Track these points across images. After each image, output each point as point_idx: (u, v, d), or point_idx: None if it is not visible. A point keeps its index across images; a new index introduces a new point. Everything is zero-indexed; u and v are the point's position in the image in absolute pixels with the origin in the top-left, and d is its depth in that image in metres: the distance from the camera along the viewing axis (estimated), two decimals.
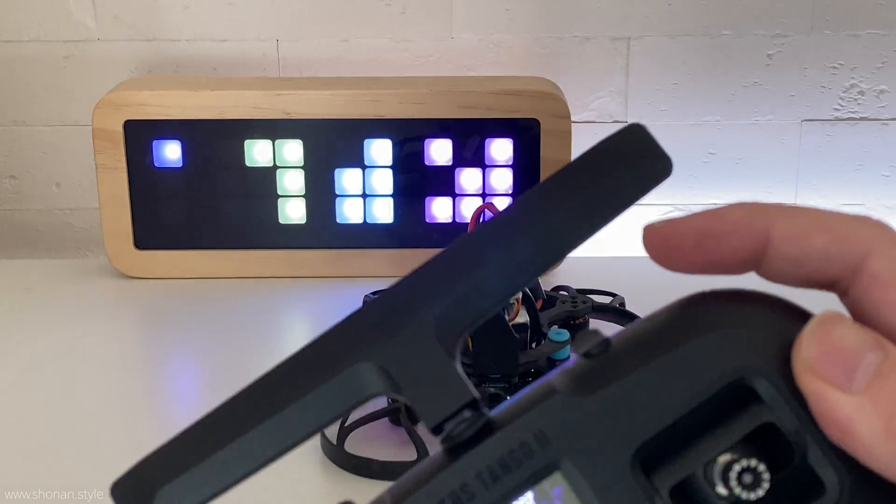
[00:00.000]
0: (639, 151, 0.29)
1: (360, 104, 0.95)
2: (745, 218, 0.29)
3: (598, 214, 0.29)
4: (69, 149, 1.08)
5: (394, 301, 0.30)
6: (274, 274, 0.98)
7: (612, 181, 0.29)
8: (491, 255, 0.29)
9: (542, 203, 0.29)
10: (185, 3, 1.04)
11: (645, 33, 1.04)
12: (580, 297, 0.85)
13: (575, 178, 0.29)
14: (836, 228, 0.28)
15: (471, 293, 0.29)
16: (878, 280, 0.27)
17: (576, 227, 0.29)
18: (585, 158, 0.29)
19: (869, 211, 1.08)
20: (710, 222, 0.29)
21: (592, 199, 0.29)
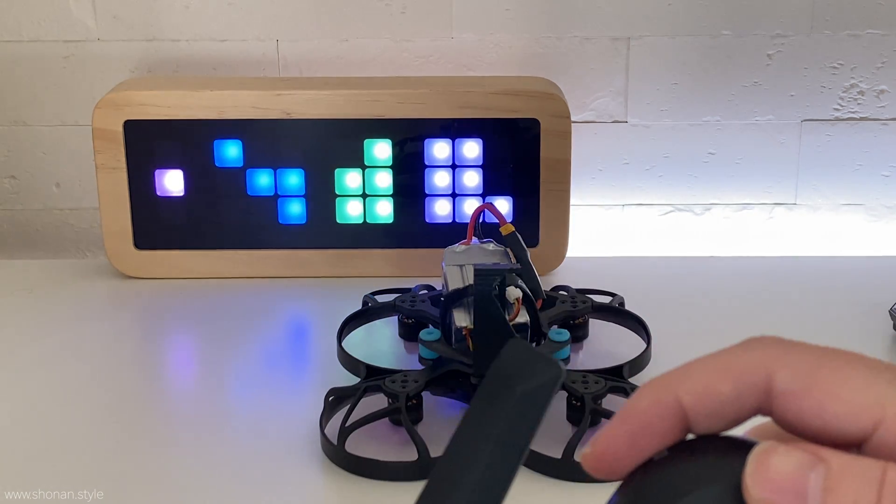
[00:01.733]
0: (528, 367, 0.30)
1: (360, 104, 0.95)
2: (654, 403, 0.30)
3: (518, 444, 0.30)
4: (69, 149, 1.08)
5: None
6: (274, 274, 0.98)
7: (514, 409, 0.30)
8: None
9: (464, 458, 0.30)
10: (185, 3, 1.04)
11: (645, 33, 1.04)
12: (580, 297, 0.85)
13: (481, 418, 0.30)
14: (731, 368, 0.29)
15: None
16: (787, 395, 0.28)
17: (505, 466, 0.30)
18: (484, 392, 0.30)
19: (869, 211, 1.08)
20: (629, 425, 0.30)
21: (505, 434, 0.30)
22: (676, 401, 0.30)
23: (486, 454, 0.30)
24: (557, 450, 0.68)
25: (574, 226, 1.00)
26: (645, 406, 0.30)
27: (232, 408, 0.80)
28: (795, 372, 0.29)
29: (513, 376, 0.30)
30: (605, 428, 0.31)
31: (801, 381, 0.29)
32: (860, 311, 0.91)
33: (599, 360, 0.80)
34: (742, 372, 0.29)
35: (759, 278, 0.99)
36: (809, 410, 0.29)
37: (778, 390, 0.29)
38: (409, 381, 0.72)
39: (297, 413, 0.75)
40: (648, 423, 0.30)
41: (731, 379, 0.29)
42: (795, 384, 0.29)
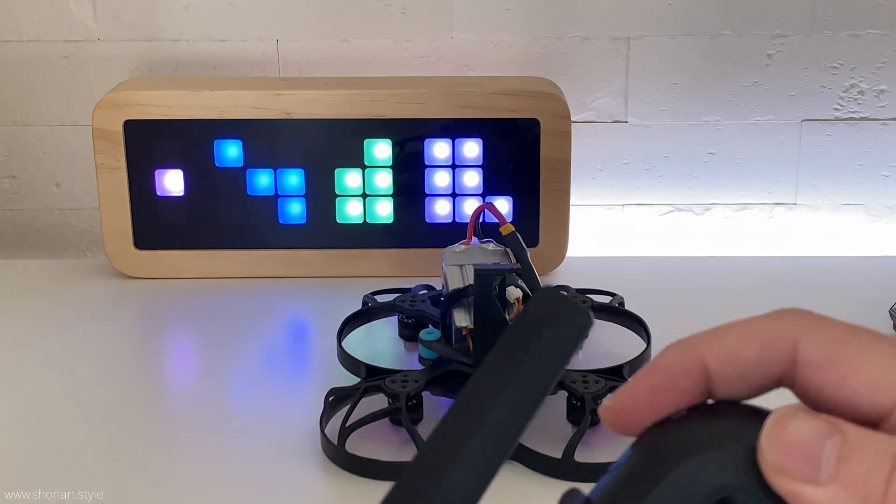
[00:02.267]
0: (556, 314, 0.30)
1: (360, 104, 0.95)
2: (678, 361, 0.30)
3: (538, 387, 0.29)
4: (69, 149, 1.08)
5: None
6: (274, 274, 0.98)
7: (539, 352, 0.30)
8: (453, 466, 0.29)
9: (483, 396, 0.30)
10: (186, 3, 1.04)
11: (645, 33, 1.04)
12: (580, 297, 0.85)
13: (506, 358, 0.30)
14: (759, 334, 0.30)
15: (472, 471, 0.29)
16: (811, 366, 0.29)
17: (523, 407, 0.29)
18: (510, 334, 0.30)
19: (869, 211, 1.08)
20: (651, 380, 0.30)
21: (528, 375, 0.29)
22: (701, 361, 0.30)
23: (505, 395, 0.29)
24: (558, 450, 0.68)
25: (574, 226, 1.00)
26: (669, 363, 0.30)
27: (232, 408, 0.80)
28: (822, 343, 0.29)
29: (540, 321, 0.30)
30: (628, 383, 0.31)
31: (826, 352, 0.29)
32: (860, 311, 0.90)
33: (599, 360, 0.80)
34: (769, 338, 0.30)
35: (759, 278, 0.99)
36: (831, 383, 0.29)
37: (803, 360, 0.29)
38: (409, 380, 0.72)
39: (298, 413, 0.75)
40: (671, 380, 0.30)
41: (758, 344, 0.30)
42: (820, 355, 0.29)
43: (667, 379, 0.30)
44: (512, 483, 0.68)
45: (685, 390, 0.30)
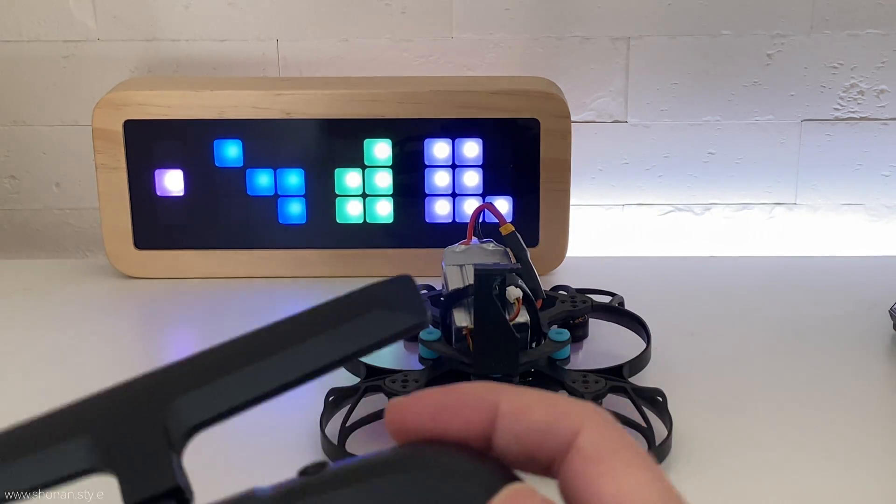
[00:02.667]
0: (398, 300, 0.31)
1: (360, 104, 0.95)
2: (477, 392, 0.30)
3: (328, 357, 0.30)
4: (69, 149, 1.08)
5: (145, 384, 0.30)
6: (274, 274, 0.98)
7: (365, 322, 0.30)
8: (239, 367, 0.30)
9: (294, 330, 0.30)
10: (185, 3, 1.04)
11: (645, 33, 1.04)
12: (579, 297, 0.85)
13: (334, 312, 0.30)
14: (554, 404, 0.30)
15: (212, 396, 0.30)
16: (582, 454, 0.29)
17: (320, 358, 0.30)
18: (349, 297, 0.31)
19: (869, 211, 1.08)
20: (445, 397, 0.30)
21: (341, 335, 0.30)
22: (495, 403, 0.30)
23: (291, 349, 0.30)
24: None
25: (574, 226, 1.00)
26: (467, 390, 0.30)
27: None
28: (600, 439, 0.29)
29: (377, 301, 0.31)
30: (425, 391, 0.31)
31: (599, 449, 0.29)
32: (860, 311, 0.91)
33: (599, 360, 0.80)
34: (562, 413, 0.30)
35: (759, 278, 0.99)
36: (589, 479, 0.29)
37: (578, 446, 0.29)
38: (409, 381, 0.72)
39: (298, 413, 0.75)
40: (461, 406, 0.30)
41: (551, 413, 0.30)
42: (594, 450, 0.29)
43: (458, 402, 0.30)
44: None
45: (469, 420, 0.30)
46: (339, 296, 0.31)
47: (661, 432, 0.70)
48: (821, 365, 0.83)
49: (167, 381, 0.30)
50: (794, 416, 0.76)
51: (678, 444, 0.71)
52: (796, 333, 0.88)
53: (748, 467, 0.70)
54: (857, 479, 0.69)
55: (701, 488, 0.68)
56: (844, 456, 0.71)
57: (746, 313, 0.92)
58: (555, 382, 0.73)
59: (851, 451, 0.72)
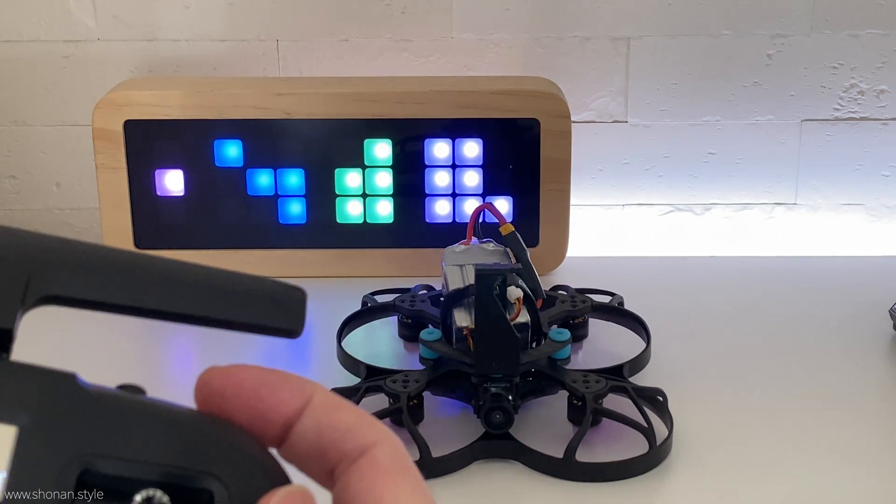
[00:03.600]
0: (285, 305, 0.32)
1: (360, 104, 0.95)
2: (296, 379, 0.31)
3: (215, 311, 0.31)
4: (69, 149, 1.08)
5: (34, 238, 0.31)
6: (274, 274, 0.98)
7: (248, 300, 0.31)
8: (126, 275, 0.31)
9: (192, 273, 0.31)
10: (185, 3, 1.04)
11: (645, 33, 1.04)
12: (579, 297, 0.85)
13: (233, 281, 0.31)
14: (363, 414, 0.31)
15: (85, 280, 0.31)
16: (375, 463, 0.30)
17: (193, 304, 0.31)
18: (252, 278, 0.32)
19: (869, 211, 1.08)
20: (268, 374, 0.31)
21: (221, 299, 0.31)
22: (311, 393, 0.31)
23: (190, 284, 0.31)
24: (559, 449, 0.68)
25: (574, 226, 1.00)
26: (289, 375, 0.31)
27: None
28: (391, 453, 0.30)
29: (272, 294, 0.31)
30: (246, 365, 0.32)
31: (387, 461, 0.30)
32: (860, 311, 0.91)
33: (599, 360, 0.80)
34: (366, 422, 0.31)
35: (759, 278, 0.99)
36: (374, 489, 0.30)
37: (371, 455, 0.30)
38: (410, 381, 0.72)
39: None
40: (282, 386, 0.31)
41: (356, 418, 0.31)
42: (388, 462, 0.30)
43: (279, 381, 0.31)
44: (513, 482, 0.68)
45: (284, 401, 0.31)
46: (247, 274, 0.32)
47: (662, 432, 0.70)
48: (821, 365, 0.83)
49: (55, 245, 0.31)
50: (794, 416, 0.76)
51: (678, 444, 0.71)
52: (796, 333, 0.88)
53: (748, 467, 0.70)
54: (857, 478, 0.69)
55: (701, 488, 0.69)
56: (844, 455, 0.71)
57: (746, 313, 0.92)
58: (555, 382, 0.73)
59: (851, 450, 0.72)
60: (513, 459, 0.70)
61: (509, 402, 0.69)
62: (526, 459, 0.69)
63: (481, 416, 0.69)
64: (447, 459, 0.69)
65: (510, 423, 0.69)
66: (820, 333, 0.88)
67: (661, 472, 0.69)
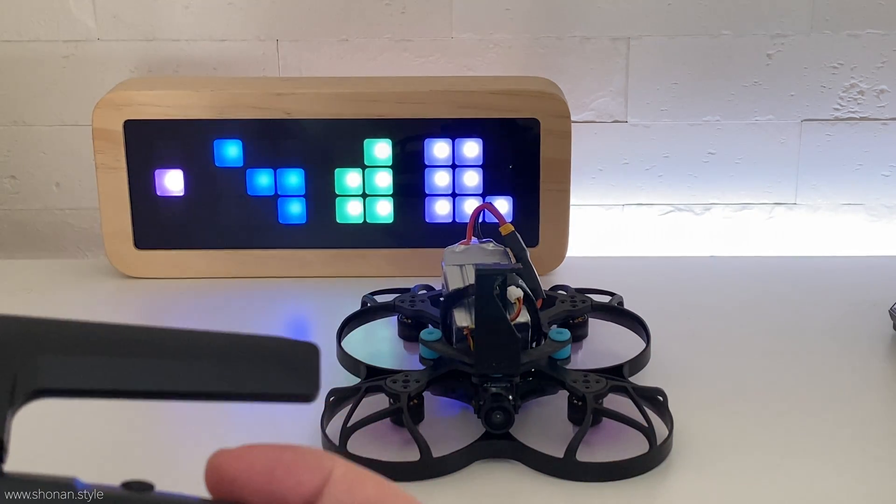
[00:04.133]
0: (296, 367, 0.30)
1: (360, 104, 0.95)
2: (312, 454, 0.29)
3: (221, 385, 0.29)
4: (69, 149, 1.08)
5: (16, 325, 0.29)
6: (274, 274, 0.98)
7: (257, 370, 0.29)
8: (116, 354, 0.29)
9: (189, 344, 0.29)
10: (185, 3, 1.04)
11: (645, 33, 1.04)
12: (579, 297, 0.85)
13: (236, 347, 0.30)
14: (386, 484, 0.29)
15: (76, 370, 0.29)
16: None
17: (195, 382, 0.29)
18: (257, 339, 0.30)
19: (869, 211, 1.08)
20: (281, 453, 0.29)
21: (228, 371, 0.29)
22: (330, 468, 0.29)
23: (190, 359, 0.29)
24: (559, 449, 0.68)
25: (574, 226, 1.00)
26: (305, 451, 0.30)
27: (232, 409, 0.80)
28: None
29: (280, 357, 0.30)
30: (257, 445, 0.30)
31: None
32: (860, 311, 0.91)
33: (599, 360, 0.80)
34: (396, 494, 0.29)
35: (759, 278, 0.99)
36: None
37: None
38: (410, 381, 0.72)
39: (298, 413, 0.75)
40: (298, 465, 0.29)
41: (383, 490, 0.29)
42: None
43: (294, 460, 0.29)
44: (513, 482, 0.68)
45: (302, 481, 0.29)
46: (250, 335, 0.30)
47: (662, 431, 0.70)
48: (821, 365, 0.83)
49: (37, 333, 0.29)
50: (794, 416, 0.76)
51: (678, 443, 0.71)
52: (796, 333, 0.88)
53: (748, 467, 0.70)
54: (857, 478, 0.69)
55: (702, 487, 0.69)
56: (844, 455, 0.71)
57: (746, 313, 0.92)
58: (556, 382, 0.73)
59: (851, 450, 0.72)
60: (513, 459, 0.70)
61: (510, 401, 0.69)
62: (526, 459, 0.69)
63: (481, 416, 0.69)
64: (448, 459, 0.69)
65: (510, 422, 0.69)
66: (820, 333, 0.88)
67: (662, 472, 0.69)
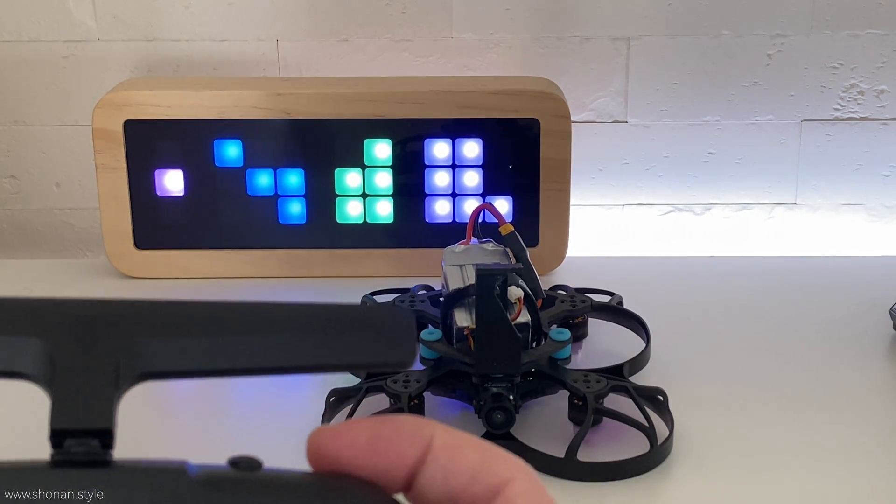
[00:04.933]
0: (396, 333, 0.30)
1: (360, 104, 0.95)
2: (412, 424, 0.29)
3: (324, 358, 0.29)
4: (69, 149, 1.08)
5: (114, 310, 0.29)
6: (274, 274, 0.98)
7: (356, 340, 0.29)
8: (216, 333, 0.29)
9: (286, 319, 0.29)
10: (185, 3, 1.04)
11: (645, 33, 1.04)
12: (579, 297, 0.85)
13: (331, 317, 0.30)
14: (488, 448, 0.29)
15: (176, 351, 0.28)
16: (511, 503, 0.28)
17: (297, 356, 0.29)
18: (352, 309, 0.30)
19: (869, 211, 1.08)
20: (381, 426, 0.29)
21: (329, 343, 0.29)
22: (430, 437, 0.29)
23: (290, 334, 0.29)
24: (560, 449, 0.68)
25: (574, 226, 1.00)
26: (403, 421, 0.30)
27: (232, 409, 0.80)
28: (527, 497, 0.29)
29: (377, 325, 0.30)
30: (356, 420, 0.30)
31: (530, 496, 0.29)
32: (860, 311, 0.91)
33: (598, 360, 0.80)
34: (493, 459, 0.29)
35: (759, 278, 0.99)
36: None
37: (505, 496, 0.29)
38: (410, 381, 0.72)
39: (299, 414, 0.75)
40: (398, 436, 0.29)
41: (482, 456, 0.29)
42: (523, 500, 0.29)
43: (394, 432, 0.29)
44: None
45: (403, 452, 0.29)
46: (343, 304, 0.30)
47: (663, 431, 0.70)
48: (821, 365, 0.83)
49: (137, 316, 0.29)
50: (794, 416, 0.76)
51: (678, 443, 0.71)
52: (796, 333, 0.88)
53: (749, 466, 0.70)
54: (857, 478, 0.69)
55: (703, 486, 0.69)
56: (844, 455, 0.71)
57: (746, 313, 0.92)
58: (556, 382, 0.73)
59: (851, 450, 0.72)
60: None
61: (510, 401, 0.69)
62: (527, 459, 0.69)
63: (482, 416, 0.69)
64: None
65: (511, 422, 0.69)
66: (820, 333, 0.88)
67: (663, 472, 0.69)
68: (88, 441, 0.27)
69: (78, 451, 0.27)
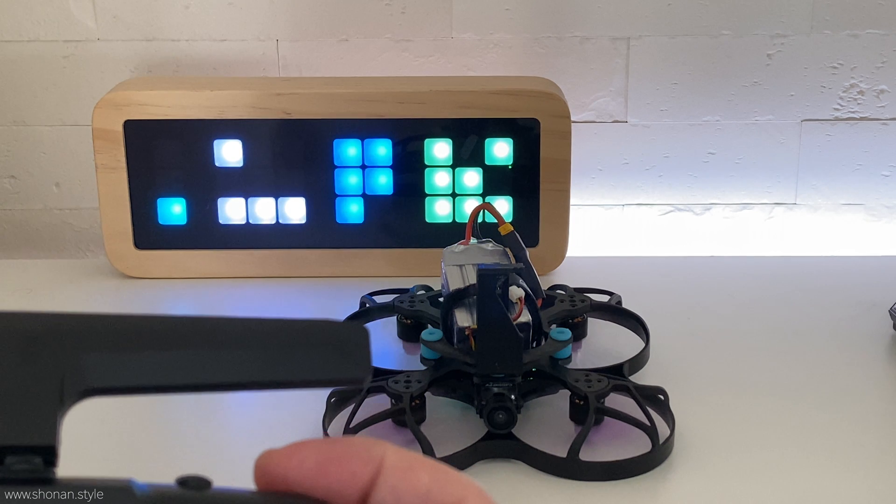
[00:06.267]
0: (350, 348, 0.29)
1: (360, 104, 0.95)
2: (363, 445, 0.29)
3: (273, 374, 0.29)
4: (69, 149, 1.08)
5: (58, 324, 0.28)
6: (274, 274, 0.98)
7: (308, 356, 0.29)
8: (163, 347, 0.28)
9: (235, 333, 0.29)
10: (185, 3, 1.04)
11: (645, 33, 1.04)
12: (578, 296, 0.85)
13: (283, 333, 0.29)
14: (440, 468, 0.29)
15: (123, 366, 0.28)
16: None
17: (245, 372, 0.29)
18: (304, 323, 0.30)
19: (869, 211, 1.08)
20: (331, 447, 0.29)
21: (279, 359, 0.29)
22: (381, 457, 0.29)
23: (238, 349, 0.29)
24: (562, 449, 0.68)
25: (574, 226, 1.00)
26: (354, 442, 0.29)
27: (233, 410, 0.80)
28: None
29: (331, 340, 0.29)
30: (305, 441, 0.29)
31: None
32: (860, 311, 0.91)
33: (598, 359, 0.80)
34: (447, 480, 0.29)
35: (759, 278, 0.99)
36: None
37: None
38: (412, 381, 0.72)
39: (299, 414, 0.75)
40: (348, 457, 0.29)
41: (435, 476, 0.29)
42: None
43: (344, 453, 0.29)
44: (516, 482, 0.68)
45: (355, 473, 0.28)
46: (296, 319, 0.30)
47: (664, 430, 0.70)
48: (821, 365, 0.83)
49: (83, 331, 0.28)
50: (794, 415, 0.76)
51: (680, 442, 0.71)
52: (796, 333, 0.88)
53: (749, 465, 0.70)
54: (857, 478, 0.69)
55: (704, 485, 0.69)
56: (844, 454, 0.71)
57: (746, 313, 0.92)
58: (557, 381, 0.73)
59: (851, 449, 0.72)
60: (516, 459, 0.70)
61: (512, 401, 0.69)
62: (529, 459, 0.69)
63: (484, 417, 0.69)
64: (450, 460, 0.68)
65: (513, 422, 0.69)
66: (820, 333, 0.88)
67: (664, 471, 0.69)
68: (31, 458, 0.27)
69: (19, 469, 0.27)
